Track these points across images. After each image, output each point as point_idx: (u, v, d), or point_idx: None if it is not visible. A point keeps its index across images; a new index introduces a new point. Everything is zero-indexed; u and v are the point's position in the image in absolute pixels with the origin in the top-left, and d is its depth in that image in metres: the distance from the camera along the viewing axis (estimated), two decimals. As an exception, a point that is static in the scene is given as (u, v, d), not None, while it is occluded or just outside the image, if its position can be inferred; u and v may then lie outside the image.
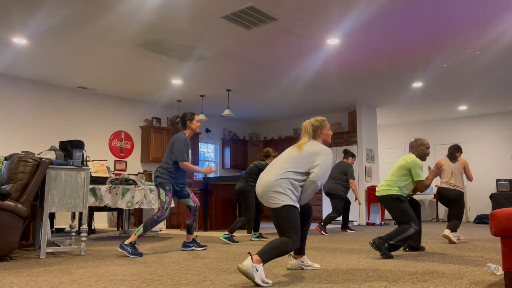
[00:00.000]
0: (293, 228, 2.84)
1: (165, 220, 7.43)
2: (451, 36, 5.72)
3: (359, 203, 7.14)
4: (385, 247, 3.94)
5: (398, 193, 4.13)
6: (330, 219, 6.67)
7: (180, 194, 4.57)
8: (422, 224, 9.56)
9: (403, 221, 4.06)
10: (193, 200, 4.58)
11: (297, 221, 2.88)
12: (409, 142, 4.51)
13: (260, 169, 5.70)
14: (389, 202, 4.15)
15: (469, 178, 5.65)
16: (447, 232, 5.27)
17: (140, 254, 4.04)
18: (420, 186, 4.16)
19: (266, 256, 2.70)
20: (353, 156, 7.10)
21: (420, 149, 4.37)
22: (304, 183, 2.99)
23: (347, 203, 7.17)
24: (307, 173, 2.98)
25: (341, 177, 6.86)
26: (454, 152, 5.69)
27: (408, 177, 4.19)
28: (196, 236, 4.78)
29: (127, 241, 4.07)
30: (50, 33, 5.65)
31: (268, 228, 7.89)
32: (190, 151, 4.49)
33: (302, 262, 3.26)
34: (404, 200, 4.13)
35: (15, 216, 3.76)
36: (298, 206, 2.93)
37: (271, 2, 4.76)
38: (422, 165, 4.24)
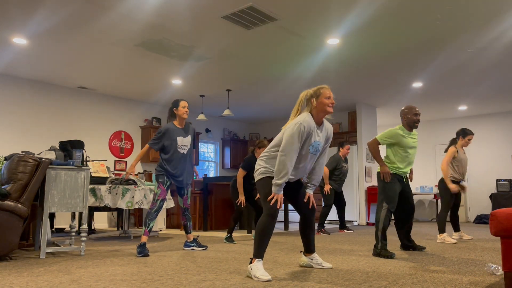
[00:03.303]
0: (263, 195, 3.01)
1: (164, 219, 7.42)
2: (451, 36, 5.72)
3: (325, 192, 6.82)
4: (381, 248, 4.02)
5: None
6: (323, 215, 6.69)
7: (178, 191, 4.58)
8: (422, 224, 9.56)
9: (379, 198, 4.19)
10: (184, 202, 4.56)
11: (268, 189, 3.00)
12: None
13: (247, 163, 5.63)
14: (377, 178, 4.29)
15: (442, 166, 5.45)
16: (438, 237, 5.35)
17: (142, 253, 4.04)
18: (371, 141, 4.21)
19: (255, 250, 2.93)
20: (342, 146, 7.04)
21: (407, 118, 4.26)
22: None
23: (342, 204, 7.12)
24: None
25: (330, 169, 6.87)
26: (457, 137, 5.64)
27: (390, 150, 4.25)
28: (198, 236, 4.79)
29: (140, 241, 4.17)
30: (50, 33, 5.65)
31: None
32: (179, 138, 4.42)
33: (312, 259, 3.36)
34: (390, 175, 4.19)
35: (15, 216, 3.76)
36: (277, 182, 2.97)
37: (271, 2, 4.76)
38: (392, 134, 4.15)
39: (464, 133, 5.57)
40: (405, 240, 4.50)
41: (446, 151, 5.61)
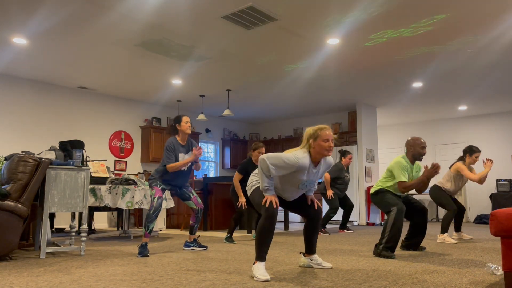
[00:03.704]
0: (257, 204, 3.02)
1: (164, 219, 7.42)
2: (451, 36, 5.72)
3: (328, 197, 6.86)
4: (382, 249, 4.00)
5: (378, 188, 4.26)
6: (327, 218, 6.70)
7: (182, 196, 4.56)
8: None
9: (386, 211, 4.14)
10: (195, 203, 4.55)
11: (261, 197, 3.01)
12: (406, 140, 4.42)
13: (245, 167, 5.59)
14: (374, 199, 4.31)
15: (471, 179, 5.35)
16: (439, 237, 5.35)
17: (142, 254, 4.05)
18: (400, 187, 4.13)
19: (256, 253, 2.92)
20: (344, 155, 7.05)
21: (413, 149, 4.25)
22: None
23: (350, 207, 7.12)
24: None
25: (332, 178, 6.90)
26: (464, 155, 5.60)
27: (391, 178, 4.23)
28: (199, 236, 4.79)
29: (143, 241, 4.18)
30: (50, 33, 5.65)
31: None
32: (181, 155, 4.42)
33: (311, 260, 3.35)
34: (383, 191, 4.21)
35: (15, 216, 3.76)
36: (262, 186, 2.98)
37: (271, 2, 4.76)
38: (405, 166, 4.14)
39: (471, 151, 5.50)
40: (410, 238, 4.48)
41: (450, 167, 5.59)
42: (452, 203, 5.37)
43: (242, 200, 5.42)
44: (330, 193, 6.71)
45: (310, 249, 3.34)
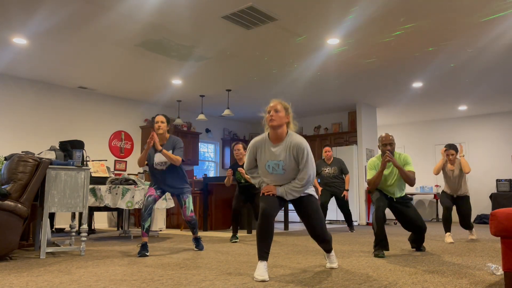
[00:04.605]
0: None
1: (164, 219, 7.42)
2: (451, 36, 5.72)
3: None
4: (375, 246, 4.08)
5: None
6: None
7: (178, 202, 4.52)
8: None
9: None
10: (183, 214, 4.47)
11: (261, 198, 3.11)
12: None
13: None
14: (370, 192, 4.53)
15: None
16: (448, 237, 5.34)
17: (139, 254, 4.05)
18: (368, 184, 4.36)
19: (257, 251, 2.92)
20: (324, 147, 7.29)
21: (379, 147, 4.32)
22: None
23: (341, 209, 7.11)
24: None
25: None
26: None
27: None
28: (200, 237, 4.80)
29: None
30: (50, 33, 5.65)
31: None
32: (157, 155, 4.36)
33: (326, 257, 3.36)
34: (372, 192, 4.38)
35: (15, 216, 3.76)
36: (259, 186, 3.21)
37: (271, 2, 4.76)
38: (372, 165, 4.28)
39: (445, 148, 5.54)
40: (413, 241, 4.49)
41: None
42: (444, 201, 5.43)
43: (229, 172, 5.69)
44: (319, 189, 7.03)
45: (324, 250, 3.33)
